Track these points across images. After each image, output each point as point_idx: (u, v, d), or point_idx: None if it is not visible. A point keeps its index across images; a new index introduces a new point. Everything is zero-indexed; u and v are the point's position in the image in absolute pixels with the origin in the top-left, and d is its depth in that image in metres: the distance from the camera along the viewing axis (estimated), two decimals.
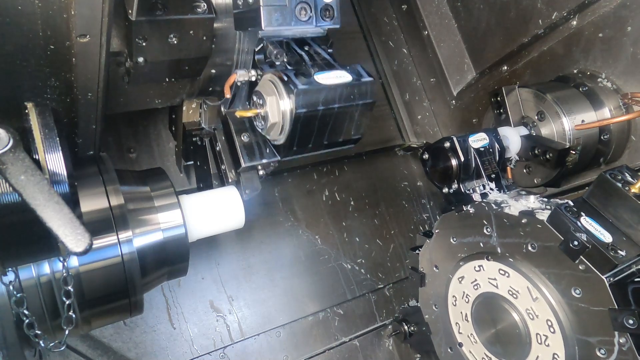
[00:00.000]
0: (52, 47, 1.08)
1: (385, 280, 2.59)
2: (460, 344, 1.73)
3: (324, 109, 1.38)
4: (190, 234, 1.48)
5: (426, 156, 1.89)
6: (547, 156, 1.81)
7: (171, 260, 1.46)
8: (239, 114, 1.50)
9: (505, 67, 2.23)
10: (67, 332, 1.26)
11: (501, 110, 1.99)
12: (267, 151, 1.59)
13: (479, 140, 1.79)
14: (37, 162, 0.98)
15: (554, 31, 1.98)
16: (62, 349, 1.27)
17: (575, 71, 1.94)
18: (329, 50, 1.53)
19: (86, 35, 1.05)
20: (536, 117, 1.88)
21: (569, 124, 1.80)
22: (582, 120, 1.80)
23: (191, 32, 1.42)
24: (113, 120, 2.15)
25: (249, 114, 1.46)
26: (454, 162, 1.76)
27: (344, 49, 2.73)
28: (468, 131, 2.13)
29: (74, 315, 1.25)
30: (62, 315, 1.25)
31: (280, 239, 2.42)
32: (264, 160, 1.59)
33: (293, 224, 2.46)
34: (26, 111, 1.07)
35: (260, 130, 1.49)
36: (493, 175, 1.77)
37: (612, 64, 1.83)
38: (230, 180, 1.66)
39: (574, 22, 1.90)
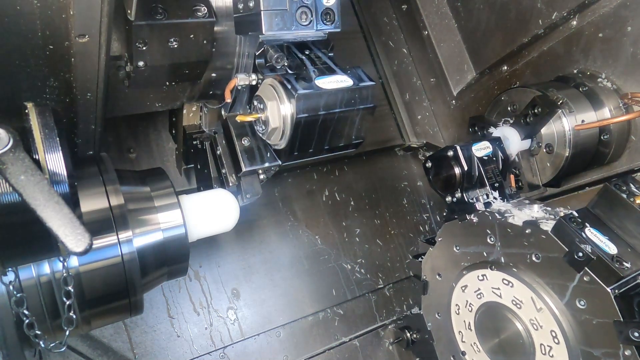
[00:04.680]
0: (51, 47, 1.07)
1: (385, 280, 2.58)
2: (463, 353, 1.73)
3: (325, 114, 1.38)
4: (190, 234, 1.48)
5: (429, 164, 1.88)
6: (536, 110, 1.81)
7: (171, 260, 1.46)
8: (240, 118, 1.49)
9: (505, 67, 2.23)
10: (67, 332, 1.26)
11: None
12: (268, 155, 1.58)
13: (482, 149, 1.78)
14: (37, 162, 0.98)
15: (554, 31, 1.98)
16: (63, 349, 1.27)
17: (575, 71, 1.94)
18: (330, 54, 1.52)
19: (85, 35, 1.04)
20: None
21: (568, 124, 1.80)
22: (582, 120, 1.80)
23: (191, 36, 1.41)
24: (113, 121, 2.15)
25: (250, 118, 1.45)
26: (457, 170, 1.75)
27: (344, 49, 2.71)
28: (468, 131, 2.14)
29: (74, 316, 1.25)
30: (62, 315, 1.24)
31: (280, 239, 2.42)
32: (265, 165, 1.58)
33: (293, 224, 2.45)
34: (26, 111, 1.07)
35: (261, 135, 1.49)
36: (496, 184, 1.76)
37: (612, 64, 1.83)
38: (230, 185, 1.65)
39: (574, 22, 1.90)
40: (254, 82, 1.48)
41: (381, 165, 2.78)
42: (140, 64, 1.40)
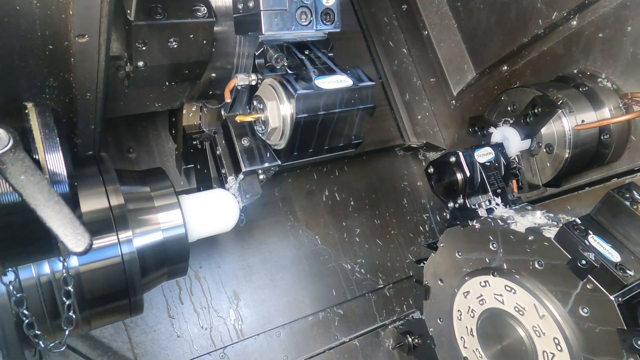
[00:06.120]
0: (50, 47, 1.07)
1: (385, 280, 2.58)
2: (466, 359, 1.73)
3: (324, 114, 1.38)
4: (190, 234, 1.48)
5: (431, 170, 1.88)
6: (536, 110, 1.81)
7: (171, 260, 1.46)
8: (240, 118, 1.49)
9: (505, 67, 2.23)
10: (67, 332, 1.26)
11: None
12: (268, 155, 1.58)
13: (484, 154, 1.78)
14: (37, 162, 0.98)
15: (554, 31, 1.98)
16: (63, 349, 1.27)
17: (575, 71, 1.94)
18: (330, 54, 1.52)
19: (84, 35, 1.05)
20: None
21: (568, 124, 1.80)
22: (582, 120, 1.80)
23: (191, 36, 1.42)
24: (112, 121, 2.15)
25: (249, 118, 1.45)
26: (459, 176, 1.75)
27: (344, 49, 2.72)
28: (468, 131, 2.14)
29: (74, 316, 1.25)
30: (62, 315, 1.24)
31: (280, 239, 2.42)
32: (265, 165, 1.58)
33: (293, 224, 2.46)
34: (26, 111, 1.07)
35: (260, 135, 1.49)
36: (499, 190, 1.75)
37: (612, 64, 1.83)
38: (230, 185, 1.66)
39: (574, 22, 1.90)
40: (253, 82, 1.47)
41: (381, 165, 2.78)
42: (140, 64, 1.40)
